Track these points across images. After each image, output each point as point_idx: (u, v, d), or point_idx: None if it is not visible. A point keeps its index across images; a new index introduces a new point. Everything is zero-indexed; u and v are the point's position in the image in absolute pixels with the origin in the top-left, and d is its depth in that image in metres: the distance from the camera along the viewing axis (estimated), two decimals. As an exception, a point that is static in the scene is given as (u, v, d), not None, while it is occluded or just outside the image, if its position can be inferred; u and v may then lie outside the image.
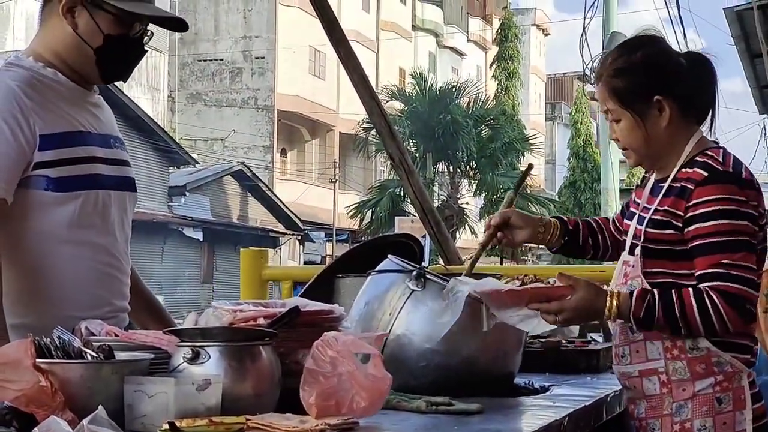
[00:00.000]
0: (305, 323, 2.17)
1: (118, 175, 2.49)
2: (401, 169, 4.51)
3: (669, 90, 2.39)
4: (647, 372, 2.38)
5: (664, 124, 2.39)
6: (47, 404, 1.72)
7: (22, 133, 2.28)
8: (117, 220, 2.48)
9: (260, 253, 4.86)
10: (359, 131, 34.64)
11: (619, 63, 2.42)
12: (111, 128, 2.56)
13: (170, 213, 30.61)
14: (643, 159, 2.47)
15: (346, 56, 4.33)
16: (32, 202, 2.31)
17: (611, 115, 2.44)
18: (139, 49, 2.47)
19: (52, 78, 2.40)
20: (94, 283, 2.41)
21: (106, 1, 2.37)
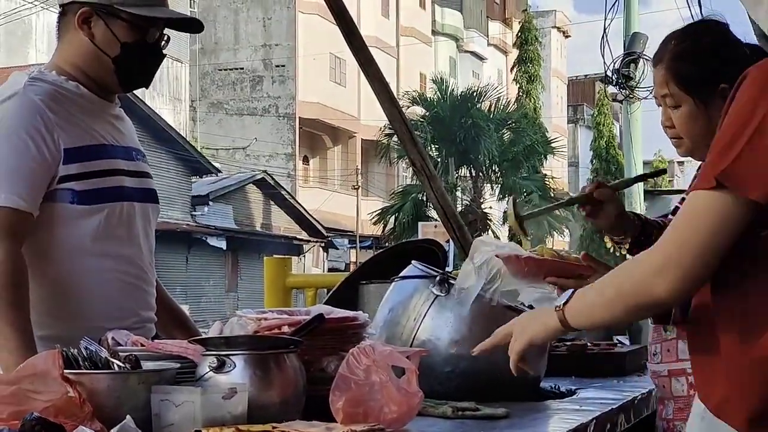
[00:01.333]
0: (330, 330, 2.17)
1: (141, 187, 2.51)
2: (423, 175, 4.51)
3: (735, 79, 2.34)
4: (676, 372, 2.35)
5: None
6: (76, 415, 1.72)
7: (46, 147, 2.30)
8: (141, 231, 2.50)
9: (284, 261, 4.87)
10: (381, 137, 34.66)
11: (685, 47, 2.34)
12: (132, 140, 2.58)
13: (194, 222, 30.72)
14: (696, 149, 2.38)
15: (366, 63, 4.33)
16: (58, 215, 2.33)
17: (670, 100, 2.35)
18: (158, 54, 2.48)
19: (75, 91, 2.41)
20: (120, 295, 2.43)
21: (120, 8, 2.38)
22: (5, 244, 2.21)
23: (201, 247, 30.62)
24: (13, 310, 2.18)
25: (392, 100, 4.41)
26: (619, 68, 11.46)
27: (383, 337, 2.52)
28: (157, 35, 2.44)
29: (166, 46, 2.51)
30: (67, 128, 2.34)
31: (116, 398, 1.81)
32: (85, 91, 2.43)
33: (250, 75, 39.75)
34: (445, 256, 3.59)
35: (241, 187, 33.44)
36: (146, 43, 2.42)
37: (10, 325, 2.16)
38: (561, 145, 39.25)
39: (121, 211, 2.42)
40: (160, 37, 2.47)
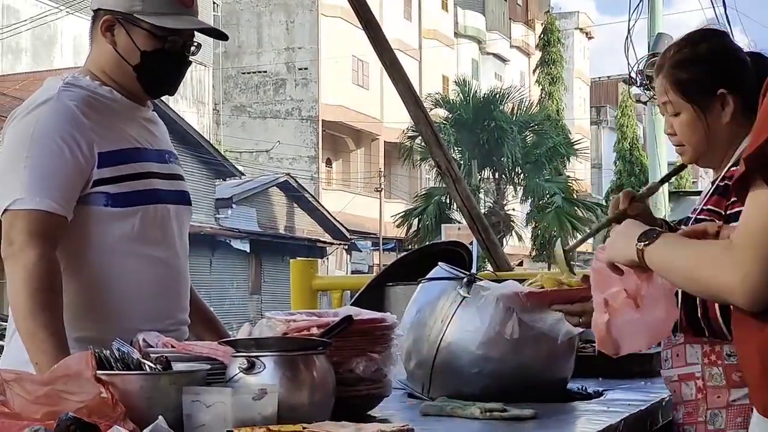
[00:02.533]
0: (358, 332, 2.19)
1: (174, 190, 2.53)
2: (448, 177, 4.51)
3: (734, 84, 2.31)
4: (685, 376, 2.31)
5: (726, 120, 2.31)
6: (108, 415, 1.74)
7: (80, 152, 2.32)
8: (176, 233, 2.52)
9: (310, 263, 4.88)
10: (404, 139, 34.67)
11: (682, 54, 2.35)
12: (165, 143, 2.60)
13: (217, 225, 30.82)
14: (700, 156, 2.38)
15: (390, 65, 4.35)
16: (92, 218, 2.36)
17: (671, 108, 2.36)
18: (181, 62, 2.48)
19: (108, 96, 2.44)
20: (154, 297, 2.44)
21: (140, 18, 2.39)
22: (39, 247, 2.23)
23: (225, 249, 30.71)
24: (46, 312, 2.20)
25: (417, 103, 4.43)
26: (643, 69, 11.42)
27: (410, 338, 2.53)
28: (181, 43, 2.45)
29: (197, 52, 2.52)
30: (101, 132, 2.37)
31: (148, 399, 1.83)
32: (118, 95, 2.46)
33: (273, 78, 39.85)
34: (470, 258, 3.60)
35: (265, 189, 33.52)
36: (167, 51, 2.43)
37: (45, 328, 2.18)
38: (584, 147, 39.13)
39: (155, 214, 2.44)
40: (185, 44, 2.47)
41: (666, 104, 2.37)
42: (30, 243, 2.23)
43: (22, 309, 2.21)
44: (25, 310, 2.20)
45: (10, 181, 2.31)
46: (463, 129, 33.28)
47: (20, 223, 2.26)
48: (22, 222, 2.26)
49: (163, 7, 2.40)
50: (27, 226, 2.25)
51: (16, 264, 2.23)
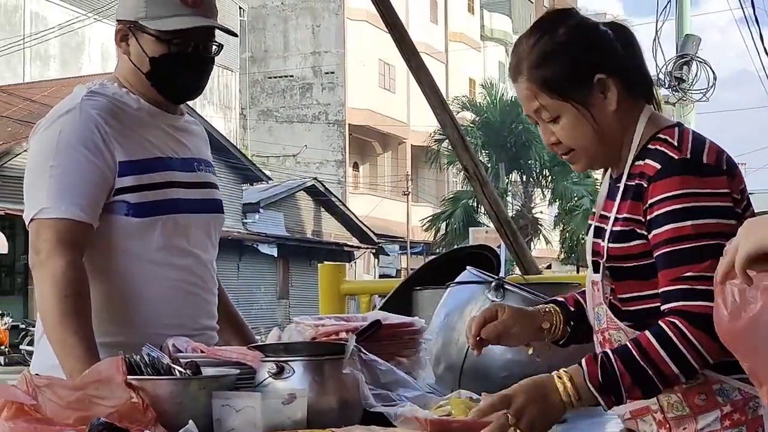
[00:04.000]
0: (387, 336, 2.19)
1: (201, 198, 2.52)
2: (476, 181, 4.51)
3: (608, 65, 1.95)
4: (640, 412, 1.97)
5: (613, 108, 1.95)
6: (139, 420, 1.75)
7: (104, 160, 2.34)
8: (200, 242, 2.51)
9: (338, 267, 4.89)
10: (431, 143, 34.66)
11: (540, 47, 1.96)
12: (197, 151, 2.58)
13: (245, 230, 30.94)
14: (595, 158, 2.00)
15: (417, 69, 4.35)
16: (114, 227, 2.37)
17: (546, 113, 1.96)
18: (196, 64, 2.45)
19: (134, 105, 2.44)
20: (178, 303, 2.44)
21: (144, 24, 2.38)
22: (67, 254, 2.25)
23: (252, 254, 30.82)
24: (76, 318, 2.21)
25: (444, 106, 4.42)
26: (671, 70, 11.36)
27: (439, 342, 2.53)
28: (190, 45, 2.41)
29: (219, 52, 2.50)
30: (122, 142, 2.37)
31: (178, 404, 1.84)
32: (145, 104, 2.46)
33: (300, 82, 39.97)
34: (498, 262, 3.59)
35: (292, 194, 33.62)
36: (176, 54, 2.40)
37: (75, 334, 2.19)
38: (612, 149, 38.91)
39: (175, 224, 2.43)
40: (199, 45, 2.43)
41: (539, 111, 1.97)
42: (57, 251, 2.25)
43: (51, 316, 2.23)
44: (55, 316, 2.21)
45: (36, 190, 2.33)
46: (490, 132, 33.24)
47: (47, 232, 2.27)
48: (48, 231, 2.27)
49: (165, 10, 2.38)
50: (54, 234, 2.26)
51: (44, 272, 2.25)
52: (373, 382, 2.06)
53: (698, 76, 11.49)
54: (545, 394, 1.81)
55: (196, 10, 2.40)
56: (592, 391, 1.80)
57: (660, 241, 1.84)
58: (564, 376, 1.81)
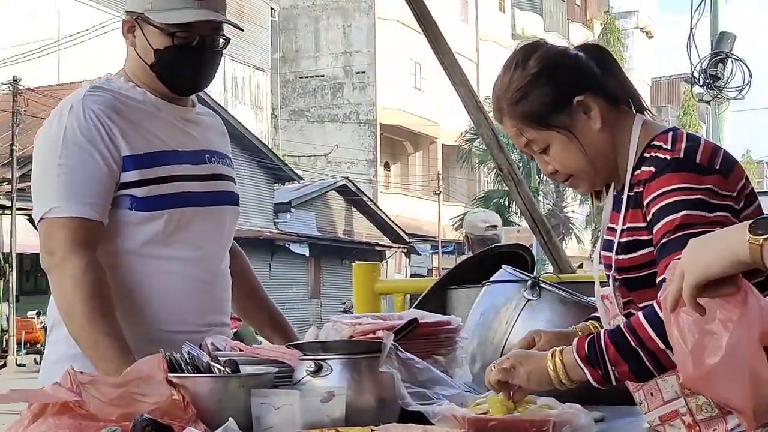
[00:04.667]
0: (424, 334, 2.20)
1: (211, 191, 2.48)
2: (510, 180, 4.50)
3: (585, 85, 1.98)
4: (668, 416, 1.97)
5: (598, 126, 1.97)
6: (180, 417, 1.77)
7: (110, 155, 2.32)
8: (208, 235, 2.46)
9: (373, 266, 4.90)
10: (462, 142, 34.60)
11: (514, 83, 2.00)
12: (207, 143, 2.54)
13: (276, 229, 31.05)
14: (595, 178, 2.03)
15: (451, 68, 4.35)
16: (119, 221, 2.35)
17: (536, 145, 2.01)
18: (201, 57, 2.42)
19: (139, 98, 2.42)
20: (182, 299, 2.40)
21: (150, 16, 2.37)
22: (83, 254, 2.24)
23: (284, 253, 30.93)
24: (104, 319, 2.21)
25: (478, 106, 4.42)
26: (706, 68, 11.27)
27: (475, 341, 2.53)
28: (195, 38, 2.39)
29: (226, 45, 2.47)
30: (126, 136, 2.35)
31: (218, 401, 1.86)
32: (151, 96, 2.44)
33: (331, 82, 40.05)
34: (533, 261, 3.59)
35: (323, 193, 33.71)
36: (180, 47, 2.38)
37: (106, 335, 2.19)
38: (645, 148, 38.66)
39: (180, 217, 2.39)
40: (204, 39, 2.41)
41: (528, 145, 2.01)
42: (73, 251, 2.24)
43: (79, 318, 2.22)
44: (83, 318, 2.21)
45: (45, 189, 2.32)
46: (522, 131, 33.07)
47: (60, 232, 2.26)
48: (61, 231, 2.26)
49: (172, 3, 2.36)
50: (68, 234, 2.25)
51: (63, 274, 2.24)
52: (411, 380, 2.06)
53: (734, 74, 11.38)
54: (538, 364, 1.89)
55: (202, 3, 2.39)
56: (579, 363, 1.84)
57: (659, 236, 1.85)
58: (557, 354, 1.88)
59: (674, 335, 1.49)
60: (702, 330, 1.45)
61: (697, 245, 1.46)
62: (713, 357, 1.43)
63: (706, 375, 1.45)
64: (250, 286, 2.73)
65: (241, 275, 2.68)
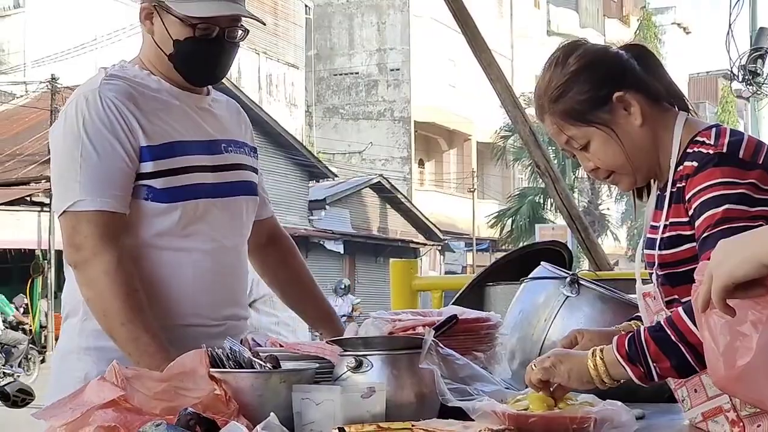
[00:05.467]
0: (463, 330, 2.20)
1: (226, 181, 2.43)
2: (547, 177, 4.50)
3: (625, 81, 1.99)
4: (712, 413, 1.96)
5: (639, 122, 1.98)
6: (222, 411, 1.79)
7: (130, 145, 2.29)
8: (225, 227, 2.42)
9: (410, 263, 4.90)
10: (497, 140, 34.50)
11: (554, 81, 2.01)
12: (225, 132, 2.49)
13: (311, 227, 31.13)
14: (635, 175, 2.02)
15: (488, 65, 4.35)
16: (135, 212, 2.31)
17: (576, 143, 2.01)
18: (220, 49, 2.38)
19: (154, 87, 2.39)
20: (197, 292, 2.36)
21: (171, 5, 2.32)
22: (113, 249, 2.22)
23: (319, 251, 30.99)
24: (141, 315, 2.20)
25: (515, 102, 4.41)
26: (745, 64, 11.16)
27: (514, 337, 2.53)
28: (215, 30, 2.34)
29: (244, 38, 2.42)
30: (143, 126, 2.31)
31: (259, 396, 1.88)
32: (166, 84, 2.40)
33: (365, 79, 40.08)
34: (570, 258, 3.58)
35: (358, 191, 33.74)
36: (200, 39, 2.33)
37: (146, 332, 2.18)
38: (681, 144, 38.37)
39: (196, 209, 2.35)
40: (224, 30, 2.36)
41: (569, 142, 2.02)
42: (102, 247, 2.22)
43: (117, 315, 2.20)
44: (122, 315, 2.19)
45: (66, 181, 2.28)
46: (557, 128, 32.94)
47: (86, 227, 2.23)
48: (88, 225, 2.23)
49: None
50: (94, 229, 2.22)
51: (94, 270, 2.22)
52: (451, 376, 2.07)
53: (775, 67, 11.26)
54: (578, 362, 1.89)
55: None
56: (620, 362, 1.83)
57: (700, 230, 1.85)
58: (597, 353, 1.87)
59: (705, 337, 1.49)
60: (733, 331, 1.45)
61: (724, 247, 1.46)
62: (744, 358, 1.44)
63: (737, 376, 1.46)
64: (292, 276, 2.73)
65: (285, 265, 2.69)
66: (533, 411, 1.89)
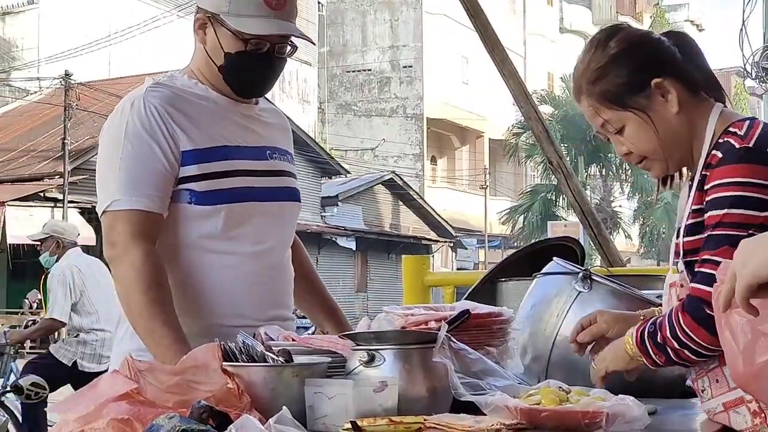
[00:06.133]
0: (476, 326, 2.20)
1: (271, 186, 2.49)
2: (560, 173, 4.49)
3: (665, 68, 1.99)
4: (733, 403, 1.94)
5: (675, 110, 1.98)
6: (235, 405, 1.79)
7: (170, 149, 2.35)
8: (268, 231, 2.47)
9: (422, 259, 4.91)
10: (509, 137, 34.47)
11: (594, 63, 2.02)
12: (270, 140, 2.55)
13: (323, 223, 31.18)
14: (667, 161, 2.03)
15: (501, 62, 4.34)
16: (178, 215, 2.37)
17: (611, 126, 2.03)
18: (269, 64, 2.44)
19: (201, 95, 2.44)
20: (241, 293, 2.41)
21: (225, 19, 2.37)
22: (142, 245, 2.27)
23: (331, 247, 31.04)
24: (161, 308, 2.24)
25: (528, 99, 4.41)
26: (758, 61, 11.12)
27: (526, 332, 2.53)
28: (266, 46, 2.40)
29: (292, 53, 2.48)
30: (186, 131, 2.37)
31: (272, 390, 1.88)
32: (213, 93, 2.45)
33: (378, 76, 40.10)
34: (583, 254, 3.58)
35: (370, 187, 33.77)
36: (251, 53, 2.39)
37: (163, 324, 2.21)
38: (695, 142, 38.28)
39: (240, 212, 2.40)
40: (274, 46, 2.42)
41: (605, 125, 2.04)
42: (133, 242, 2.27)
43: (137, 307, 2.25)
44: (141, 307, 2.23)
45: (106, 182, 2.35)
46: (569, 125, 32.95)
47: (120, 225, 2.29)
48: (122, 223, 2.29)
49: (247, 10, 2.36)
50: (128, 227, 2.28)
51: (124, 264, 2.27)
52: (463, 370, 2.07)
53: (787, 67, 11.23)
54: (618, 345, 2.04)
55: (278, 13, 2.38)
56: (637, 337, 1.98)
57: (709, 225, 1.88)
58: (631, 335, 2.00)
59: (726, 336, 1.49)
60: (755, 330, 1.46)
61: (749, 246, 1.45)
62: (764, 356, 1.45)
63: (756, 373, 1.47)
64: (301, 273, 2.75)
65: (296, 264, 2.72)
66: (545, 406, 1.89)
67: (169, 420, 1.54)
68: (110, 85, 25.05)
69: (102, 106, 23.45)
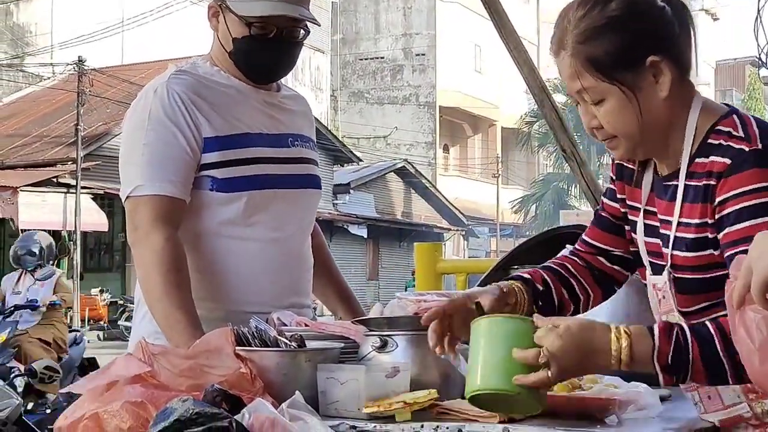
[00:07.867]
0: (488, 312, 2.19)
1: (292, 174, 2.51)
2: (573, 161, 4.47)
3: (664, 46, 1.74)
4: (730, 421, 1.81)
5: (664, 94, 1.74)
6: (247, 389, 1.80)
7: (192, 136, 2.37)
8: (289, 218, 2.50)
9: (435, 246, 4.91)
10: (521, 125, 34.39)
11: (589, 20, 1.74)
12: (292, 127, 2.58)
13: (335, 211, 31.19)
14: (638, 147, 1.79)
15: (515, 49, 4.32)
16: (200, 202, 2.39)
17: (589, 95, 1.76)
18: (280, 47, 2.45)
19: (223, 82, 2.47)
20: (260, 280, 2.43)
21: (230, 5, 2.41)
22: (163, 230, 2.29)
23: (343, 235, 31.06)
24: (179, 292, 2.25)
25: (542, 87, 4.39)
26: (774, 51, 11.05)
27: (539, 320, 2.53)
28: (272, 29, 2.41)
29: (305, 37, 2.50)
30: (209, 118, 2.40)
31: (284, 375, 1.88)
32: (235, 81, 2.48)
33: (391, 64, 40.04)
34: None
35: (382, 175, 33.76)
36: (258, 37, 2.41)
37: (179, 308, 2.23)
38: (708, 132, 38.17)
39: (261, 199, 2.42)
40: (283, 30, 2.43)
41: (581, 92, 1.78)
42: (154, 227, 2.29)
43: (155, 290, 2.27)
44: (159, 291, 2.25)
45: (130, 168, 2.37)
46: (582, 114, 32.85)
47: (143, 210, 2.31)
48: (144, 208, 2.31)
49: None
50: (150, 211, 2.30)
51: (145, 248, 2.29)
52: (475, 357, 2.07)
53: (802, 57, 11.16)
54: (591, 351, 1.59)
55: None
56: (656, 367, 1.58)
57: (733, 240, 1.65)
58: (624, 338, 1.59)
59: (740, 333, 1.46)
60: None
61: (764, 240, 1.38)
62: None
63: None
64: (318, 259, 2.76)
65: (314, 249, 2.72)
66: (557, 392, 1.88)
67: (182, 403, 1.54)
68: (123, 71, 25.09)
69: (115, 92, 23.50)
